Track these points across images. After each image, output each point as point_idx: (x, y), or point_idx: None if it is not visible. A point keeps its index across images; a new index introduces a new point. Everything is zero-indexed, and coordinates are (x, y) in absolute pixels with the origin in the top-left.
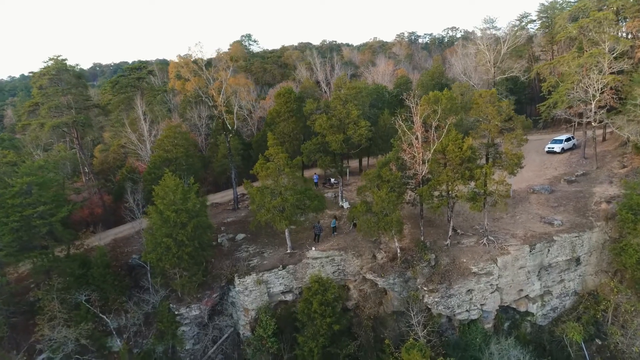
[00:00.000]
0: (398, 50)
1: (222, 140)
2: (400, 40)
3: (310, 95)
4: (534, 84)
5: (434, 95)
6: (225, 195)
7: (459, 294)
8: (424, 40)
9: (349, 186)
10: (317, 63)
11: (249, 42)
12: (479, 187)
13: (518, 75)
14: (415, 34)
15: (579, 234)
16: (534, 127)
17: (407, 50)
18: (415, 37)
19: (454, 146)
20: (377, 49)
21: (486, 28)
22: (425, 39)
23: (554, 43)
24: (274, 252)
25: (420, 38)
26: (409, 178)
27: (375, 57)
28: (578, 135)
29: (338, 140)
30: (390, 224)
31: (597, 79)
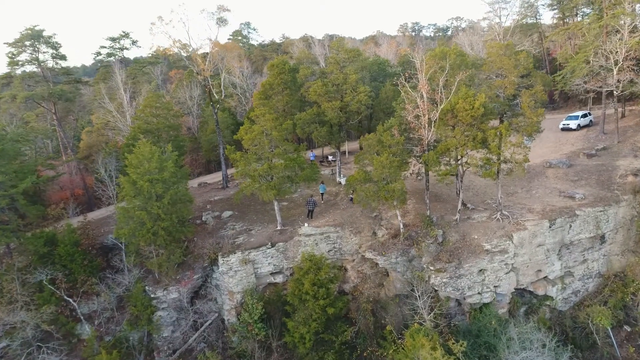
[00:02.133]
0: (401, 41)
1: (210, 113)
2: (403, 31)
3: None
4: (544, 63)
5: (440, 50)
6: (217, 177)
7: (470, 274)
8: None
9: (348, 164)
10: (317, 42)
11: (248, 30)
12: (493, 151)
13: (529, 49)
14: (419, 25)
15: (604, 208)
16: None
17: (411, 41)
18: (419, 28)
19: (465, 103)
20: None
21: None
22: (429, 29)
23: (564, 18)
24: (263, 229)
25: (424, 29)
26: (414, 144)
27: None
28: (594, 112)
29: (335, 108)
30: (392, 192)
31: (620, 43)
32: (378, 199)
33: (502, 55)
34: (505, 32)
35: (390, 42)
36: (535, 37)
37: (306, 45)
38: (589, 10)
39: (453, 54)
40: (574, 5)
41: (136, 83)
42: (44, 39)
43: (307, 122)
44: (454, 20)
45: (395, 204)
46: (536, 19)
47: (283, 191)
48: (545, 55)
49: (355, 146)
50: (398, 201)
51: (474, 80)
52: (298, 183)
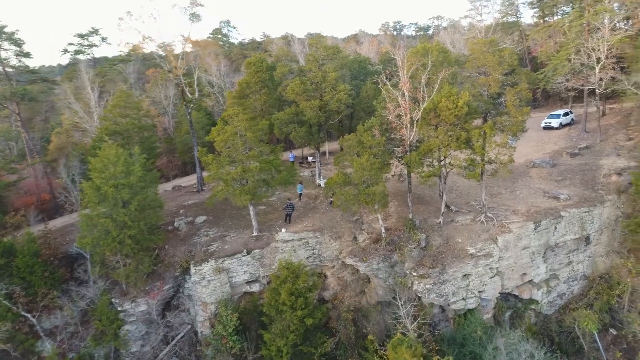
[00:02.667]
0: (383, 40)
1: (184, 113)
2: (385, 30)
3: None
4: (525, 62)
5: (422, 47)
6: (192, 180)
7: (454, 279)
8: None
9: (328, 166)
10: (296, 40)
11: (228, 28)
12: (477, 151)
13: (511, 47)
14: (401, 24)
15: (589, 209)
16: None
17: (393, 40)
18: (401, 27)
19: (448, 102)
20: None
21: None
22: (410, 28)
23: (544, 16)
24: (238, 235)
25: (406, 28)
26: (395, 145)
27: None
28: (575, 111)
29: (314, 107)
30: (373, 196)
31: (603, 40)
32: (358, 202)
33: (485, 51)
34: (486, 31)
35: (371, 41)
36: (516, 35)
37: (286, 44)
38: (568, 9)
39: (435, 51)
40: (554, 4)
41: (107, 82)
42: (5, 35)
43: (285, 122)
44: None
45: (376, 208)
46: (517, 17)
47: (258, 195)
48: (526, 54)
49: (336, 146)
50: (379, 205)
51: (457, 78)
52: (274, 187)
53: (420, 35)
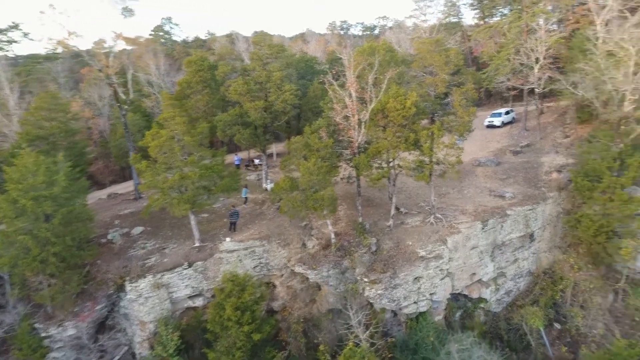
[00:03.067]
0: (330, 39)
1: (118, 116)
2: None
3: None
4: (468, 62)
5: (369, 46)
6: (130, 186)
7: (405, 283)
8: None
9: (276, 168)
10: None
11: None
12: (426, 153)
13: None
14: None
15: (533, 206)
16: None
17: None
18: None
19: (396, 103)
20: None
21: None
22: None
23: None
24: (179, 246)
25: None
26: (343, 147)
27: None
28: (515, 109)
29: (258, 108)
30: (322, 201)
31: (541, 40)
32: (306, 208)
33: (432, 51)
34: (430, 31)
35: (318, 40)
36: (459, 36)
37: (230, 42)
38: (507, 10)
39: (382, 50)
40: (493, 6)
41: (31, 82)
42: None
43: (229, 123)
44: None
45: (325, 214)
46: (459, 18)
47: (199, 204)
48: (468, 54)
49: (284, 148)
50: (328, 210)
51: (404, 77)
52: (217, 194)
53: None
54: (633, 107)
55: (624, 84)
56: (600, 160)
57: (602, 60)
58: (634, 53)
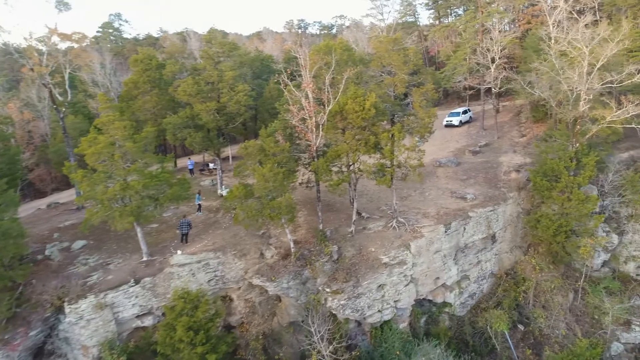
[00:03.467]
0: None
1: (56, 119)
2: (289, 28)
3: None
4: (425, 61)
5: (325, 44)
6: (73, 194)
7: (369, 291)
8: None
9: (232, 172)
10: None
11: (119, 22)
12: (386, 156)
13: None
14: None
15: (494, 207)
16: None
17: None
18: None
19: (355, 104)
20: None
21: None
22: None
23: (440, 17)
24: (125, 261)
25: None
26: (301, 151)
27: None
28: (472, 108)
29: (210, 110)
30: (279, 209)
31: (497, 40)
32: (262, 218)
33: (390, 50)
34: (387, 30)
35: (275, 38)
36: (415, 35)
37: (182, 40)
38: (461, 11)
39: (339, 49)
40: (448, 6)
41: None
42: None
43: (179, 126)
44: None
45: (283, 222)
46: (415, 17)
47: (145, 216)
48: (425, 54)
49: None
50: (286, 219)
51: (362, 77)
52: (165, 204)
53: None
54: (588, 106)
55: (579, 84)
56: (558, 160)
57: (557, 60)
58: (587, 53)
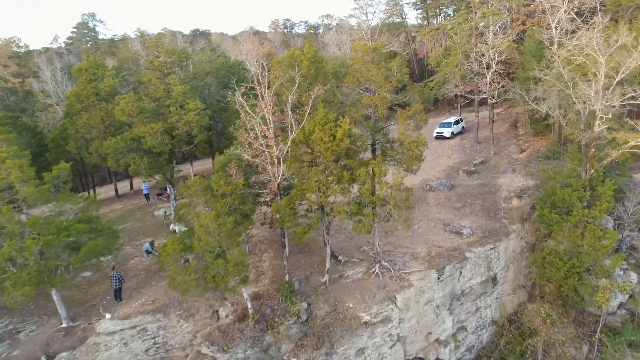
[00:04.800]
0: (273, 38)
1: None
2: (275, 28)
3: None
4: (413, 64)
5: (290, 55)
6: None
7: (345, 359)
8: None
9: None
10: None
11: (94, 22)
12: (364, 196)
13: (398, 50)
14: (291, 22)
15: (495, 244)
16: None
17: (283, 38)
18: (291, 25)
19: (323, 133)
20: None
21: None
22: (300, 26)
23: (429, 18)
24: (39, 328)
25: (296, 26)
26: (261, 186)
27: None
28: (464, 116)
29: (156, 132)
30: (226, 273)
31: (493, 44)
32: (205, 283)
33: (369, 62)
34: (372, 32)
35: (252, 40)
36: (403, 37)
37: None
38: (450, 11)
39: (306, 61)
40: (437, 6)
41: None
42: None
43: (121, 150)
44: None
45: (231, 287)
46: (402, 18)
47: (54, 281)
48: (413, 56)
49: (208, 164)
50: (236, 282)
51: (336, 95)
52: (81, 263)
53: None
54: (605, 127)
55: (595, 100)
56: (570, 190)
57: (565, 70)
58: (604, 63)
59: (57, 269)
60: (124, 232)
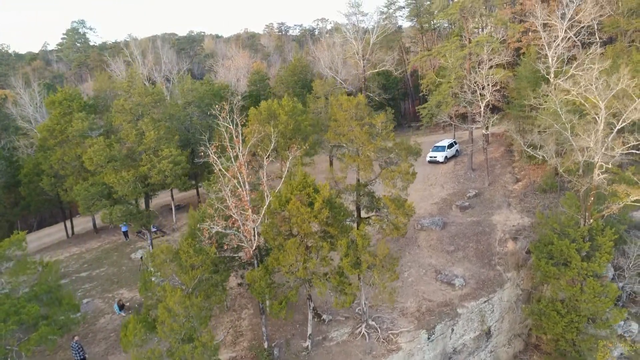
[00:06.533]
0: (267, 42)
1: None
2: (269, 31)
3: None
4: (406, 77)
5: (266, 107)
6: None
7: None
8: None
9: (177, 233)
10: (137, 54)
11: (84, 29)
12: (346, 269)
13: (390, 69)
14: (285, 25)
15: (489, 296)
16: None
17: (277, 42)
18: (286, 28)
19: (300, 204)
20: (246, 41)
21: (352, 13)
22: (295, 30)
23: (423, 33)
24: None
25: (291, 29)
26: (235, 251)
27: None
28: (458, 135)
29: (128, 181)
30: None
31: (487, 74)
32: None
33: (351, 119)
34: (364, 49)
35: (242, 54)
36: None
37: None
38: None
39: (284, 115)
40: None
41: None
42: None
43: (91, 197)
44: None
45: None
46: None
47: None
48: (407, 74)
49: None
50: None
51: (316, 150)
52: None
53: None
54: (604, 176)
55: (594, 151)
56: (568, 242)
57: (563, 111)
58: (603, 109)
59: (7, 356)
60: (97, 280)
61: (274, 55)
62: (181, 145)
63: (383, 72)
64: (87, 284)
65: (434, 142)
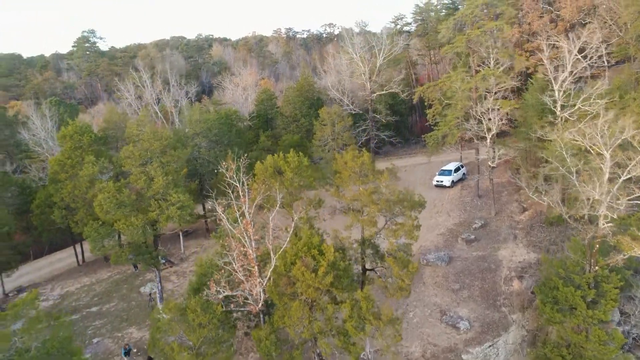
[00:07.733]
0: (275, 48)
1: None
2: (277, 37)
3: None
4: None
5: (272, 162)
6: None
7: None
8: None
9: (186, 264)
10: (146, 78)
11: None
12: (351, 332)
13: (397, 91)
14: (293, 30)
15: (493, 340)
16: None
17: (285, 48)
18: (293, 34)
19: (305, 268)
20: (254, 45)
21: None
22: (303, 34)
23: (430, 48)
24: None
25: (299, 34)
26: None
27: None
28: (464, 156)
29: (137, 226)
30: None
31: (493, 106)
32: None
33: (355, 176)
34: (371, 71)
35: (250, 72)
36: (403, 67)
37: (159, 50)
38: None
39: (290, 172)
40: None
41: None
42: None
43: (101, 238)
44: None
45: None
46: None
47: None
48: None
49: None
50: None
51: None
52: None
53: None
54: (609, 225)
55: (599, 203)
56: (573, 289)
57: (568, 155)
58: (609, 158)
59: None
60: (107, 317)
61: (282, 62)
62: (189, 176)
63: (390, 93)
64: (97, 321)
65: (442, 162)
